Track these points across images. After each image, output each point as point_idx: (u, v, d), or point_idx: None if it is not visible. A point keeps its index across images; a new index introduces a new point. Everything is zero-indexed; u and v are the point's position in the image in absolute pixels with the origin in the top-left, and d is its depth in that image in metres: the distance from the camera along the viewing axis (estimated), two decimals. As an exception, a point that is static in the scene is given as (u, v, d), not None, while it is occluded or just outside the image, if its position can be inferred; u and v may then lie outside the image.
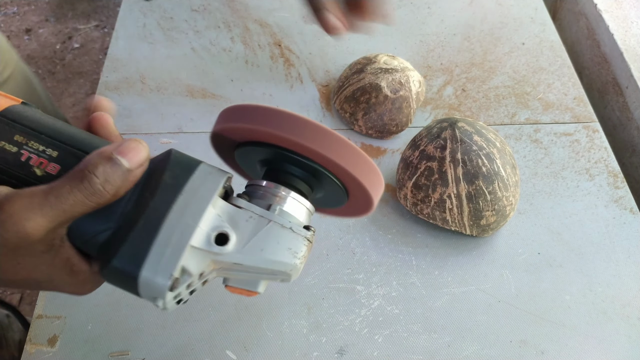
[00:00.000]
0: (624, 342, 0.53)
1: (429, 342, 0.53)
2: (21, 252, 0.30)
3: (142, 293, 0.30)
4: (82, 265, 0.33)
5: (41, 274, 0.31)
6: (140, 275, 0.30)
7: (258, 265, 0.32)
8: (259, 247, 0.32)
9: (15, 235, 0.28)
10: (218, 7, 0.87)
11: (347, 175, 0.33)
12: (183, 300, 0.32)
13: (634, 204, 0.63)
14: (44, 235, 0.29)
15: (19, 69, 0.79)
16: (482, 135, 0.56)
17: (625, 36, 0.77)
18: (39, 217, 0.28)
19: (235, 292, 0.35)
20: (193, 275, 0.31)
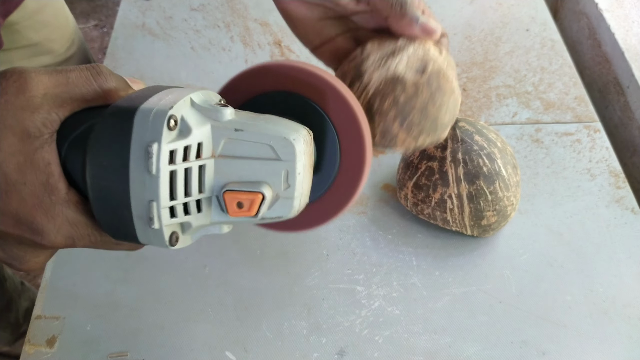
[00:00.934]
0: (625, 342, 0.53)
1: (430, 343, 0.52)
2: (12, 110, 0.28)
3: (135, 136, 0.28)
4: (60, 183, 0.29)
5: (15, 166, 0.28)
6: (139, 108, 0.28)
7: (260, 131, 0.30)
8: (259, 120, 0.31)
9: (14, 85, 0.28)
10: (217, 6, 0.86)
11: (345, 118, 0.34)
12: (177, 186, 0.29)
13: (635, 204, 0.62)
14: (41, 98, 0.29)
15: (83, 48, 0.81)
16: (483, 135, 0.56)
17: (627, 36, 0.76)
18: (43, 75, 0.29)
19: (237, 199, 0.31)
20: (191, 133, 0.29)
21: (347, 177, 0.36)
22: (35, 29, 0.70)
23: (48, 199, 0.29)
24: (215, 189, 0.31)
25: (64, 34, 0.75)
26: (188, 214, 0.30)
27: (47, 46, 0.72)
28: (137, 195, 0.28)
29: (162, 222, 0.29)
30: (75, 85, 0.30)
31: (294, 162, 0.30)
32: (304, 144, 0.31)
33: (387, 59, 0.42)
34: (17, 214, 0.29)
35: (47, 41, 0.72)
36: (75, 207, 0.30)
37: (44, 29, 0.71)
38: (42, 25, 0.71)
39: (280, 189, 0.31)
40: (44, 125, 0.29)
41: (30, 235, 0.29)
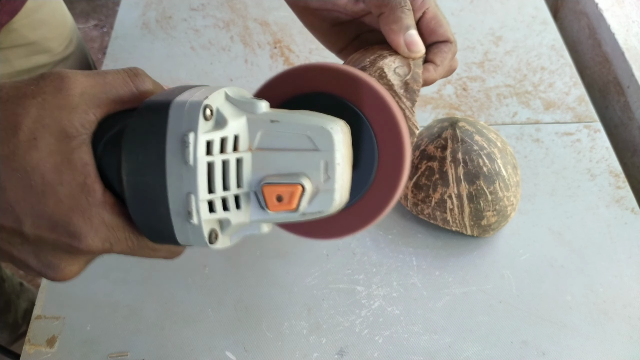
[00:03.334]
0: (625, 342, 0.53)
1: (430, 343, 0.52)
2: (50, 110, 0.28)
3: (171, 127, 0.27)
4: (96, 184, 0.28)
5: (52, 167, 0.27)
6: (174, 101, 0.28)
7: (296, 121, 0.29)
8: (296, 112, 0.31)
9: (52, 84, 0.28)
10: (217, 6, 0.86)
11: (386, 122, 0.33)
12: (215, 178, 0.28)
13: (635, 204, 0.62)
14: (78, 98, 0.28)
15: (81, 47, 0.81)
16: (483, 135, 0.56)
17: (627, 35, 0.76)
18: (80, 76, 0.29)
19: (276, 193, 0.30)
20: (227, 125, 0.28)
21: (386, 179, 0.34)
22: (33, 27, 0.70)
23: (85, 200, 0.28)
24: (254, 184, 0.30)
25: (62, 32, 0.75)
26: (227, 209, 0.29)
27: (44, 45, 0.72)
28: (174, 188, 0.27)
29: (200, 217, 0.28)
30: (112, 86, 0.30)
31: (332, 152, 0.29)
32: (342, 134, 0.30)
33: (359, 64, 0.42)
34: (53, 216, 0.28)
35: (44, 40, 0.72)
36: (112, 209, 0.29)
37: (42, 27, 0.71)
38: (39, 24, 0.71)
39: (320, 180, 0.30)
40: (81, 125, 0.28)
41: (67, 239, 0.28)
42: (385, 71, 0.40)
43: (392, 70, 0.40)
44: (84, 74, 0.29)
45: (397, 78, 0.40)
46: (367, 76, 0.34)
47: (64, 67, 0.76)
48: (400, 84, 0.40)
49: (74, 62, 0.78)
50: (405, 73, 0.41)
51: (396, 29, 0.40)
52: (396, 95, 0.40)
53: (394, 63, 0.41)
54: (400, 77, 0.40)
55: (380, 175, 0.34)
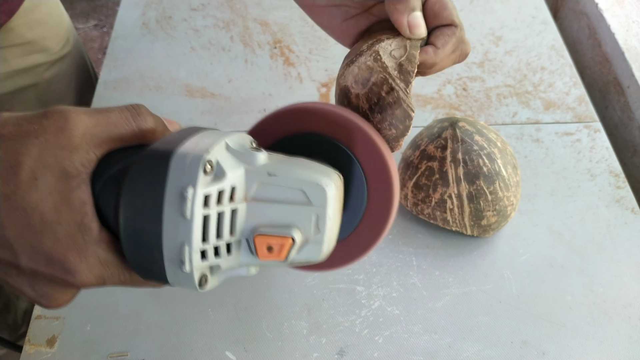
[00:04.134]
0: (625, 342, 0.53)
1: (430, 343, 0.52)
2: (52, 150, 0.28)
3: (170, 180, 0.28)
4: (93, 223, 0.29)
5: (52, 206, 0.28)
6: (176, 152, 0.28)
7: (293, 177, 0.31)
8: (292, 164, 0.32)
9: (54, 124, 0.28)
10: (217, 6, 0.86)
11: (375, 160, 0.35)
12: (209, 229, 0.29)
13: (635, 204, 0.62)
14: (80, 138, 0.29)
15: (78, 47, 0.82)
16: (483, 135, 0.56)
17: (627, 36, 0.76)
18: (83, 115, 0.29)
19: (267, 243, 0.31)
20: (226, 177, 0.29)
21: (375, 216, 0.36)
22: (30, 27, 0.70)
23: (81, 238, 0.29)
24: (246, 232, 0.31)
25: (59, 32, 0.75)
26: (218, 256, 0.31)
27: (41, 44, 0.72)
28: (169, 238, 0.29)
29: (193, 265, 0.29)
30: (114, 126, 0.30)
31: (325, 208, 0.31)
32: (335, 189, 0.32)
33: (347, 66, 0.43)
34: (49, 254, 0.29)
35: (41, 39, 0.72)
36: (107, 246, 0.30)
37: (38, 27, 0.71)
38: (36, 24, 0.71)
39: (311, 233, 0.31)
40: (82, 165, 0.29)
41: (62, 274, 0.29)
42: (380, 54, 0.41)
43: (387, 53, 0.41)
44: (87, 112, 0.30)
45: (391, 60, 0.41)
46: (358, 118, 0.36)
47: (61, 66, 0.76)
48: (394, 65, 0.40)
49: (70, 62, 0.79)
50: (400, 55, 0.41)
51: (401, 9, 0.40)
52: (390, 76, 0.40)
53: (390, 46, 0.41)
54: (395, 59, 0.41)
55: (370, 212, 0.36)
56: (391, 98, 0.40)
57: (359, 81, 0.41)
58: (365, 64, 0.41)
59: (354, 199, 0.36)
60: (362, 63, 0.41)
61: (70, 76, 0.78)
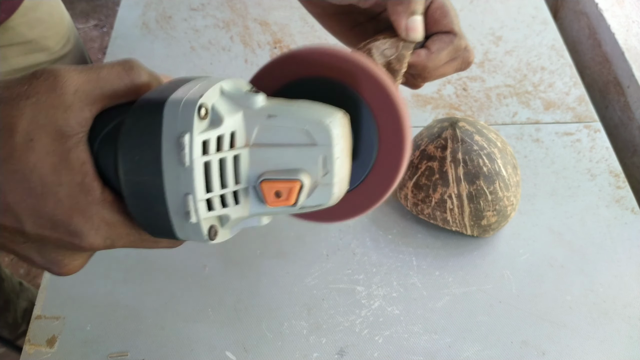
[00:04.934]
0: (625, 342, 0.53)
1: (430, 343, 0.52)
2: (44, 110, 0.27)
3: (165, 128, 0.27)
4: (95, 182, 0.28)
5: (50, 167, 0.27)
6: (168, 100, 0.27)
7: (294, 115, 0.29)
8: (292, 105, 0.30)
9: (44, 83, 0.27)
10: (217, 6, 0.86)
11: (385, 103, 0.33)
12: (212, 177, 0.28)
13: (635, 204, 0.62)
14: (72, 95, 0.28)
15: (79, 46, 0.81)
16: (483, 135, 0.56)
17: (627, 35, 0.76)
18: (73, 72, 0.28)
19: (275, 189, 0.30)
20: (223, 122, 0.28)
21: (387, 162, 0.34)
22: (30, 26, 0.70)
23: (84, 199, 0.28)
24: (252, 179, 0.30)
25: (59, 31, 0.75)
26: (226, 206, 0.29)
27: (42, 43, 0.72)
28: (172, 189, 0.28)
29: (199, 216, 0.28)
30: (106, 81, 0.29)
31: (331, 147, 0.29)
32: (341, 127, 0.30)
33: None
34: (53, 217, 0.28)
35: (42, 38, 0.72)
36: (111, 206, 0.29)
37: (39, 26, 0.71)
38: (36, 23, 0.71)
39: (319, 175, 0.30)
40: (77, 123, 0.28)
41: (69, 237, 0.29)
42: (373, 51, 0.40)
43: (379, 51, 0.41)
44: (77, 69, 0.29)
45: (381, 58, 0.41)
46: (364, 58, 0.34)
47: (63, 64, 0.76)
48: (383, 62, 0.40)
49: (71, 61, 0.78)
50: (391, 54, 0.41)
51: (401, 10, 0.40)
52: None
53: (384, 45, 0.41)
54: (385, 57, 0.41)
55: (382, 158, 0.34)
56: None
57: None
58: None
59: (363, 145, 0.34)
60: None
61: None
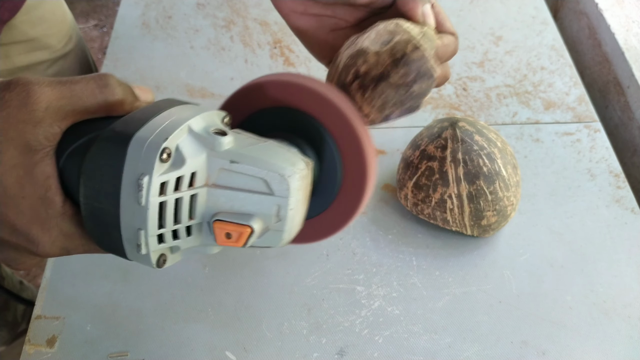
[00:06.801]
0: (626, 342, 0.53)
1: (430, 343, 0.52)
2: (15, 123, 0.28)
3: (127, 166, 0.28)
4: (57, 196, 0.30)
5: (15, 180, 0.28)
6: (134, 137, 0.28)
7: (256, 165, 0.30)
8: (256, 151, 0.31)
9: (17, 97, 0.28)
10: (217, 5, 0.86)
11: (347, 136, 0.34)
12: (166, 215, 0.29)
13: (635, 204, 0.62)
14: (43, 112, 0.28)
15: (81, 45, 0.82)
16: (483, 135, 0.56)
17: (627, 36, 0.76)
18: (46, 87, 0.29)
19: (225, 230, 0.31)
20: (185, 163, 0.29)
21: (350, 191, 0.36)
22: (32, 24, 0.70)
23: (45, 212, 0.29)
24: (206, 216, 0.31)
25: (61, 29, 0.75)
26: (177, 239, 0.31)
27: (44, 41, 0.72)
28: (126, 221, 0.29)
29: (149, 249, 0.29)
30: (79, 98, 0.30)
31: (287, 198, 0.30)
32: (300, 179, 0.31)
33: (357, 37, 0.42)
34: (14, 225, 0.29)
35: (44, 37, 0.72)
36: (70, 219, 0.30)
37: (41, 24, 0.71)
38: (39, 21, 0.71)
39: (271, 222, 0.31)
40: (45, 138, 0.29)
41: (26, 244, 0.30)
42: (400, 23, 0.40)
43: (407, 24, 0.41)
44: (51, 84, 0.29)
45: (414, 28, 0.40)
46: (330, 91, 0.35)
47: (63, 64, 0.76)
48: (418, 32, 0.40)
49: (73, 59, 0.78)
50: (420, 28, 0.41)
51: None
52: (414, 38, 0.39)
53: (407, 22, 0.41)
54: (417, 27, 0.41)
55: (345, 187, 0.36)
56: (417, 55, 0.39)
57: (379, 42, 0.40)
58: (385, 29, 0.40)
59: (328, 174, 0.36)
60: (380, 29, 0.40)
61: (72, 74, 0.78)
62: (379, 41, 0.40)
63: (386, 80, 0.39)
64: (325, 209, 0.36)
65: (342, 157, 0.35)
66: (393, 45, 0.39)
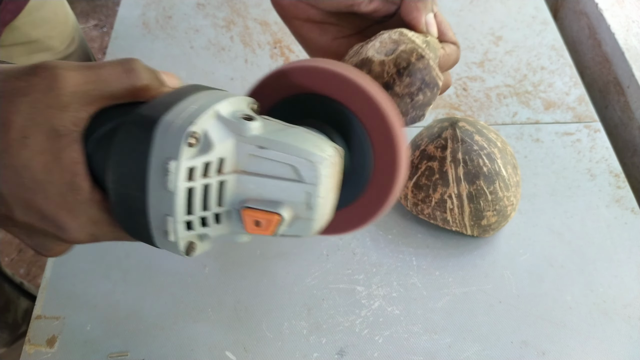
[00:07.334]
0: (625, 342, 0.53)
1: (430, 343, 0.52)
2: (41, 108, 0.28)
3: (155, 150, 0.27)
4: (85, 182, 0.29)
5: (42, 165, 0.28)
6: (161, 120, 0.27)
7: (284, 151, 0.29)
8: (285, 136, 0.30)
9: (43, 82, 0.28)
10: (217, 5, 0.86)
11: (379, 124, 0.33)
12: (194, 202, 0.28)
13: (635, 204, 0.62)
14: (70, 96, 0.28)
15: (83, 46, 0.81)
16: (483, 135, 0.56)
17: (627, 35, 0.76)
18: (72, 71, 0.28)
19: (255, 218, 0.30)
20: (213, 148, 0.28)
21: (382, 181, 0.34)
22: (35, 25, 0.70)
23: (72, 197, 0.29)
24: (235, 203, 0.30)
25: (64, 31, 0.75)
26: (206, 226, 0.30)
27: (46, 43, 0.72)
28: (154, 207, 0.28)
29: (177, 236, 0.29)
30: (105, 83, 0.29)
31: (316, 186, 0.29)
32: (330, 166, 0.30)
33: (362, 47, 0.42)
34: (42, 210, 0.29)
35: (46, 38, 0.72)
36: (99, 205, 0.30)
37: (44, 25, 0.71)
38: (41, 22, 0.71)
39: (301, 210, 0.30)
40: (72, 123, 0.28)
41: (55, 230, 0.30)
42: (404, 32, 0.40)
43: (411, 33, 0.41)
44: (77, 68, 0.29)
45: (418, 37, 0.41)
46: (361, 77, 0.34)
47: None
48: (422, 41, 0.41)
49: (75, 61, 0.78)
50: (424, 38, 0.41)
51: (421, 7, 0.41)
52: (419, 47, 0.40)
53: (411, 32, 0.41)
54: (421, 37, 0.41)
55: (376, 176, 0.34)
56: (421, 64, 0.39)
57: (384, 51, 0.40)
58: (390, 38, 0.40)
59: (358, 164, 0.34)
60: (385, 38, 0.40)
61: None
62: (384, 50, 0.40)
63: (391, 89, 0.39)
64: (355, 199, 0.35)
65: (372, 145, 0.34)
66: (398, 54, 0.39)
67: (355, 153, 0.34)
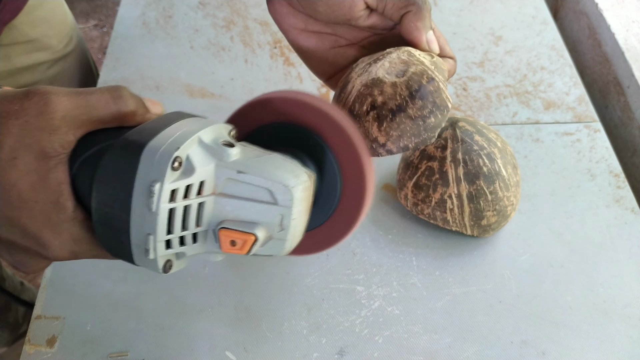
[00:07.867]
0: (625, 342, 0.53)
1: (430, 343, 0.52)
2: (31, 131, 0.29)
3: (140, 173, 0.29)
4: (69, 202, 0.31)
5: (29, 185, 0.29)
6: (147, 146, 0.29)
7: (261, 175, 0.31)
8: (262, 162, 0.32)
9: (35, 106, 0.29)
10: (217, 5, 0.86)
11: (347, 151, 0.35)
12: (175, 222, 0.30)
13: (635, 204, 0.62)
14: (60, 120, 0.30)
15: (81, 45, 0.82)
16: (483, 135, 0.56)
17: (627, 35, 0.76)
18: (63, 97, 0.30)
19: (231, 238, 0.32)
20: (195, 172, 0.30)
21: (349, 203, 0.37)
22: (33, 25, 0.70)
23: (56, 216, 0.30)
24: (212, 224, 0.32)
25: (62, 30, 0.76)
26: (184, 245, 0.32)
27: (44, 42, 0.73)
28: (136, 226, 0.30)
29: (157, 254, 0.30)
30: (94, 108, 0.31)
31: (290, 208, 0.32)
32: (303, 191, 0.32)
33: (370, 65, 0.43)
34: (25, 228, 0.30)
35: (44, 37, 0.72)
36: (81, 224, 0.31)
37: (42, 25, 0.72)
38: (40, 22, 0.71)
39: (275, 231, 0.32)
40: (60, 146, 0.30)
41: (36, 248, 0.31)
42: (412, 52, 0.42)
43: (417, 53, 0.43)
44: (68, 94, 0.30)
45: (425, 58, 0.43)
46: (330, 108, 0.36)
47: (63, 64, 0.76)
48: (429, 61, 0.43)
49: (73, 60, 0.79)
50: (431, 58, 0.43)
51: (421, 27, 0.42)
52: (428, 69, 0.41)
53: (417, 51, 0.43)
54: (428, 58, 0.43)
55: (344, 203, 0.37)
56: (432, 87, 0.40)
57: (394, 72, 0.41)
58: (399, 58, 0.42)
59: (328, 189, 0.37)
60: (394, 58, 0.42)
61: (72, 74, 0.79)
62: (394, 71, 0.41)
63: (404, 112, 0.40)
64: (324, 221, 0.38)
65: (342, 172, 0.36)
66: (409, 76, 0.41)
67: (326, 179, 0.37)
